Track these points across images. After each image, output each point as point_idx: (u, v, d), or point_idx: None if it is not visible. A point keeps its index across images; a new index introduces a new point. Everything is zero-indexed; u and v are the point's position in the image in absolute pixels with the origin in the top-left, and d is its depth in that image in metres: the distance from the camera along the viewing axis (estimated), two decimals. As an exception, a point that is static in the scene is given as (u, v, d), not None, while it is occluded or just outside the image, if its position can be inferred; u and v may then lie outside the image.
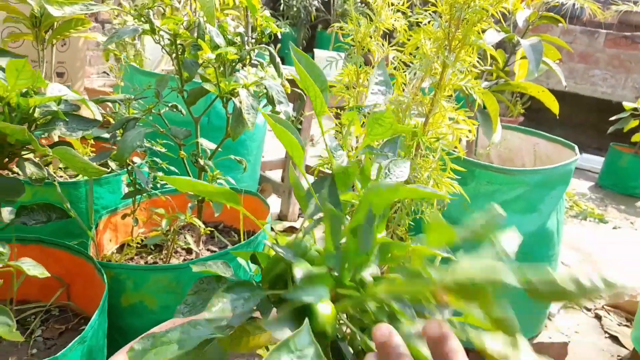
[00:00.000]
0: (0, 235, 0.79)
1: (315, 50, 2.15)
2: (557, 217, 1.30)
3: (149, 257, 1.15)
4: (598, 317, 1.73)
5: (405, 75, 1.03)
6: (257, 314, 0.47)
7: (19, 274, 0.88)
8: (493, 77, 1.47)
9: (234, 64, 1.03)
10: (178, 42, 1.02)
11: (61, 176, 1.35)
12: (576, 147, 1.38)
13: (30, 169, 0.74)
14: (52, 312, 0.94)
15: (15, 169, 0.83)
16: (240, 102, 0.99)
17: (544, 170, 1.21)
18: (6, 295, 0.87)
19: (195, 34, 0.99)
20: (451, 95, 1.01)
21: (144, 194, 1.11)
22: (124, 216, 1.12)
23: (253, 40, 1.17)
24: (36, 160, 0.81)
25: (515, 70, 1.59)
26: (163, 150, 1.15)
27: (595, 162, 3.75)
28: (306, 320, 0.33)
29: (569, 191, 3.05)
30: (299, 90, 1.21)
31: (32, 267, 0.74)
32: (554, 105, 1.40)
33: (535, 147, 1.59)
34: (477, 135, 1.52)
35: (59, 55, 1.93)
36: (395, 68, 1.02)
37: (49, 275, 0.76)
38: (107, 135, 1.02)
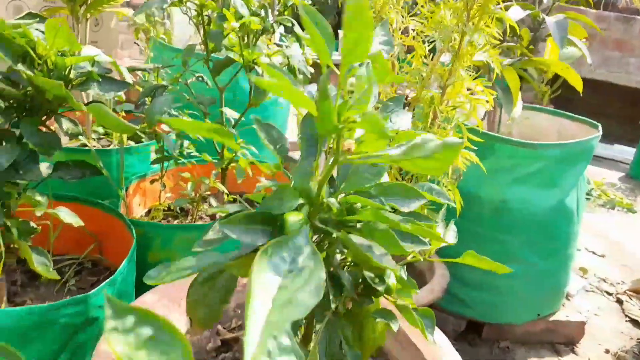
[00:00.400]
0: (38, 189, 0.85)
1: (340, 33, 2.17)
2: (577, 194, 1.30)
3: (175, 221, 1.21)
4: (619, 302, 1.71)
5: (425, 46, 1.04)
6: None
7: (55, 227, 0.95)
8: (518, 54, 1.47)
9: (257, 34, 1.07)
10: (204, 13, 1.06)
11: (94, 146, 1.42)
12: (599, 125, 1.36)
13: (66, 125, 0.79)
14: (85, 265, 1.01)
15: (53, 128, 0.89)
16: (263, 71, 1.03)
17: (565, 145, 1.21)
18: (43, 247, 0.93)
19: (221, 5, 1.03)
20: (470, 66, 1.02)
21: (171, 161, 1.17)
22: (152, 181, 1.18)
23: (277, 13, 1.20)
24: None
25: (545, 56, 1.57)
26: (189, 120, 1.20)
27: (628, 153, 3.65)
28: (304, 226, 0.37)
29: (598, 180, 2.98)
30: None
31: (68, 216, 0.80)
32: (578, 84, 1.39)
33: (559, 127, 1.58)
34: (500, 114, 1.52)
35: (92, 35, 2.00)
36: (414, 38, 1.04)
37: (83, 224, 0.82)
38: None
